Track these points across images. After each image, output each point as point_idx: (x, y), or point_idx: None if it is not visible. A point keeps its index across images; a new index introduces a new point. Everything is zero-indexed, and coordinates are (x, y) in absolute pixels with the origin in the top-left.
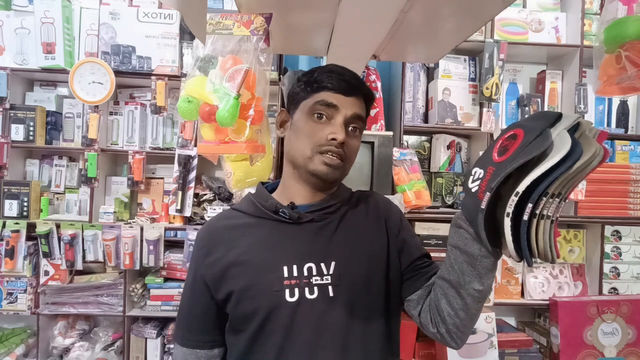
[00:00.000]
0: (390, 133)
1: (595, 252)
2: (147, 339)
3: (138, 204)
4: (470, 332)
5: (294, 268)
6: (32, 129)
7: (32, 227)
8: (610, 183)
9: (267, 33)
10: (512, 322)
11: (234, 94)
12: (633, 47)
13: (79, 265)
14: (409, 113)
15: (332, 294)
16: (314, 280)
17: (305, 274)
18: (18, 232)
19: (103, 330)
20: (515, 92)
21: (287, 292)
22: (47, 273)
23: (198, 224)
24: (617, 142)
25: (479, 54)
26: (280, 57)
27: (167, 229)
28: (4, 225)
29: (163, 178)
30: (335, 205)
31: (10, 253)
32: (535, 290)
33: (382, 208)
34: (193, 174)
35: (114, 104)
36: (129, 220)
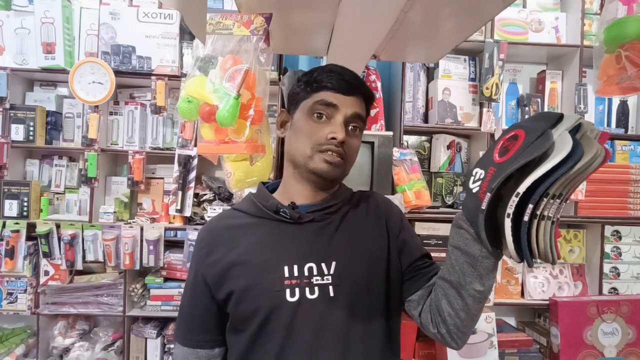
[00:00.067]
0: (390, 133)
1: (595, 252)
2: (147, 339)
3: (138, 204)
4: (471, 332)
5: (295, 268)
6: (32, 129)
7: (32, 227)
8: (610, 183)
9: (267, 33)
10: (512, 322)
11: (234, 94)
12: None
13: (79, 265)
14: (409, 113)
15: (332, 294)
16: (315, 280)
17: (306, 274)
18: (18, 232)
19: (103, 330)
20: (515, 92)
21: (287, 292)
22: (47, 273)
23: (198, 224)
24: (617, 142)
25: (479, 54)
26: (280, 57)
27: (167, 229)
28: (4, 225)
29: (163, 178)
30: (336, 205)
31: (10, 253)
32: (535, 290)
33: (382, 208)
34: (193, 174)
35: (114, 104)
36: (129, 220)
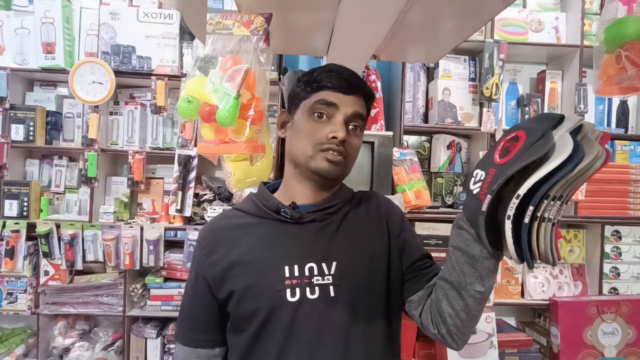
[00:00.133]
0: (390, 133)
1: (595, 252)
2: (147, 339)
3: (138, 204)
4: (471, 333)
5: (295, 268)
6: (32, 129)
7: (32, 227)
8: (610, 183)
9: (267, 33)
10: (512, 322)
11: (234, 94)
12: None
13: (79, 265)
14: (409, 113)
15: (333, 294)
16: (315, 280)
17: (307, 274)
18: (18, 232)
19: (103, 330)
20: (515, 92)
21: (288, 292)
22: (47, 273)
23: (198, 224)
24: (617, 142)
25: (479, 54)
26: (280, 57)
27: (167, 229)
28: (4, 225)
29: (163, 178)
30: (337, 205)
31: (10, 253)
32: (535, 290)
33: (383, 208)
34: (193, 174)
35: (114, 104)
36: (129, 220)
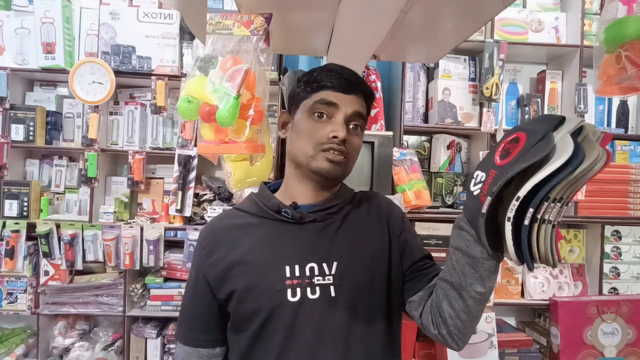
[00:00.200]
0: (390, 133)
1: (595, 252)
2: (147, 339)
3: (138, 204)
4: (472, 333)
5: (296, 268)
6: (32, 129)
7: (32, 227)
8: (610, 183)
9: (267, 33)
10: (512, 322)
11: (234, 94)
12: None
13: (79, 265)
14: (409, 113)
15: (333, 294)
16: (316, 280)
17: (307, 274)
18: (18, 232)
19: (103, 330)
20: (515, 92)
21: (289, 291)
22: (47, 273)
23: (198, 224)
24: (617, 142)
25: (479, 54)
26: (280, 57)
27: (167, 229)
28: (4, 225)
29: (163, 178)
30: (338, 206)
31: (10, 253)
32: (535, 290)
33: (384, 209)
34: (193, 174)
35: (114, 104)
36: (129, 220)
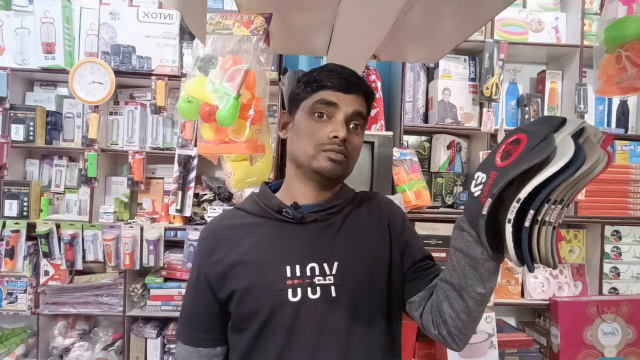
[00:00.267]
0: (390, 133)
1: (595, 252)
2: (147, 339)
3: (138, 204)
4: (472, 334)
5: (297, 268)
6: (32, 129)
7: (32, 227)
8: (610, 183)
9: (267, 33)
10: (512, 322)
11: (234, 94)
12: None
13: (79, 265)
14: (409, 113)
15: (334, 294)
16: (317, 280)
17: (308, 274)
18: (18, 232)
19: (103, 330)
20: (515, 92)
21: (289, 291)
22: (47, 273)
23: (198, 224)
24: (617, 142)
25: (479, 54)
26: (280, 57)
27: (167, 229)
28: (4, 225)
29: (163, 178)
30: (339, 206)
31: (10, 253)
32: (535, 290)
33: (385, 209)
34: (193, 174)
35: (114, 104)
36: (129, 220)
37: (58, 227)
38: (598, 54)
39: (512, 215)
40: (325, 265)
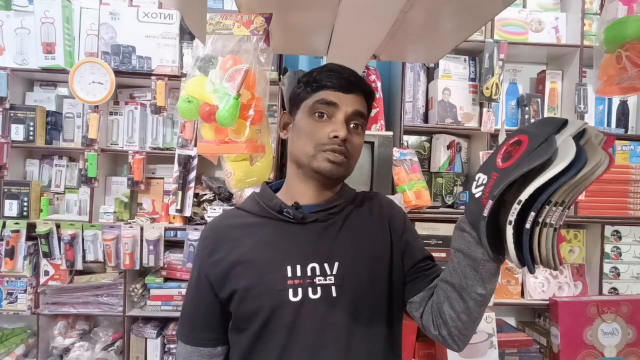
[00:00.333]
0: (390, 133)
1: (595, 252)
2: (147, 339)
3: (138, 204)
4: (472, 334)
5: (298, 268)
6: (32, 129)
7: (32, 227)
8: (610, 183)
9: (267, 33)
10: (512, 322)
11: (234, 94)
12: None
13: (79, 265)
14: (409, 113)
15: (335, 295)
16: (318, 281)
17: (309, 274)
18: (18, 232)
19: (103, 330)
20: (515, 92)
21: (290, 291)
22: (47, 273)
23: (198, 224)
24: (617, 142)
25: (479, 54)
26: (280, 57)
27: (167, 229)
28: (4, 225)
29: (163, 178)
30: (340, 206)
31: (10, 253)
32: (535, 290)
33: (385, 209)
34: (193, 174)
35: (114, 104)
36: (129, 220)
37: (58, 227)
38: (598, 54)
39: (513, 217)
40: (326, 266)
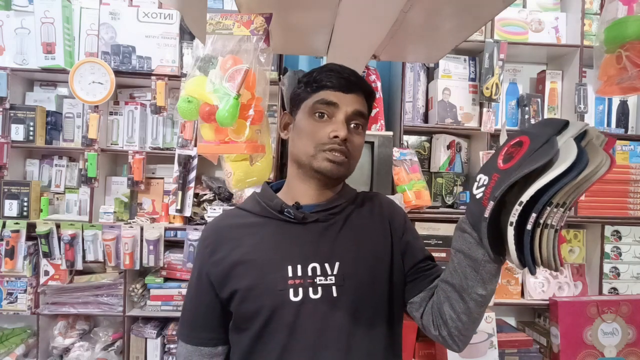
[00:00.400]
0: (390, 133)
1: (595, 252)
2: (147, 339)
3: (138, 204)
4: (472, 335)
5: (298, 268)
6: (32, 129)
7: (32, 227)
8: (610, 183)
9: (267, 33)
10: (512, 322)
11: (234, 94)
12: (633, 47)
13: (79, 265)
14: (409, 113)
15: (335, 294)
16: (318, 281)
17: (310, 274)
18: (18, 232)
19: (103, 330)
20: (515, 92)
21: (291, 291)
22: (47, 273)
23: (198, 224)
24: (617, 142)
25: (479, 54)
26: (280, 57)
27: (167, 229)
28: (4, 225)
29: (163, 178)
30: (340, 206)
31: (10, 253)
32: (535, 290)
33: (386, 209)
34: (193, 174)
35: (114, 104)
36: (129, 220)
37: (58, 227)
38: (598, 54)
39: (514, 218)
40: (327, 265)
